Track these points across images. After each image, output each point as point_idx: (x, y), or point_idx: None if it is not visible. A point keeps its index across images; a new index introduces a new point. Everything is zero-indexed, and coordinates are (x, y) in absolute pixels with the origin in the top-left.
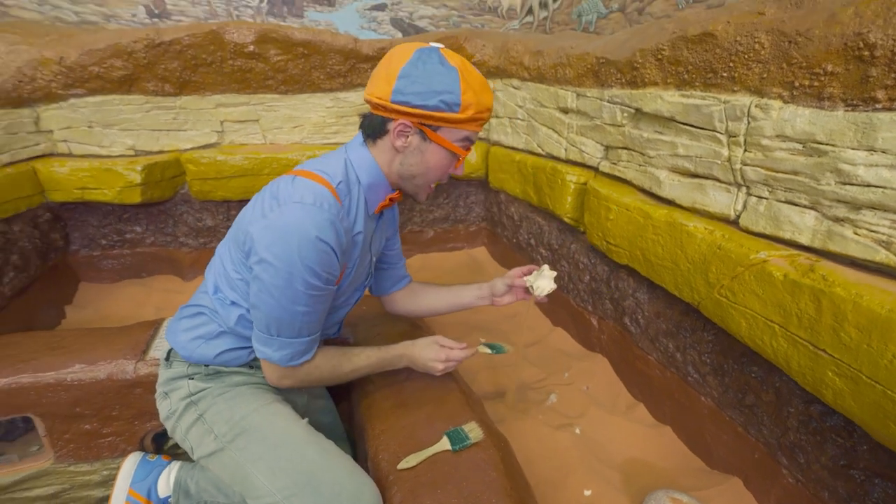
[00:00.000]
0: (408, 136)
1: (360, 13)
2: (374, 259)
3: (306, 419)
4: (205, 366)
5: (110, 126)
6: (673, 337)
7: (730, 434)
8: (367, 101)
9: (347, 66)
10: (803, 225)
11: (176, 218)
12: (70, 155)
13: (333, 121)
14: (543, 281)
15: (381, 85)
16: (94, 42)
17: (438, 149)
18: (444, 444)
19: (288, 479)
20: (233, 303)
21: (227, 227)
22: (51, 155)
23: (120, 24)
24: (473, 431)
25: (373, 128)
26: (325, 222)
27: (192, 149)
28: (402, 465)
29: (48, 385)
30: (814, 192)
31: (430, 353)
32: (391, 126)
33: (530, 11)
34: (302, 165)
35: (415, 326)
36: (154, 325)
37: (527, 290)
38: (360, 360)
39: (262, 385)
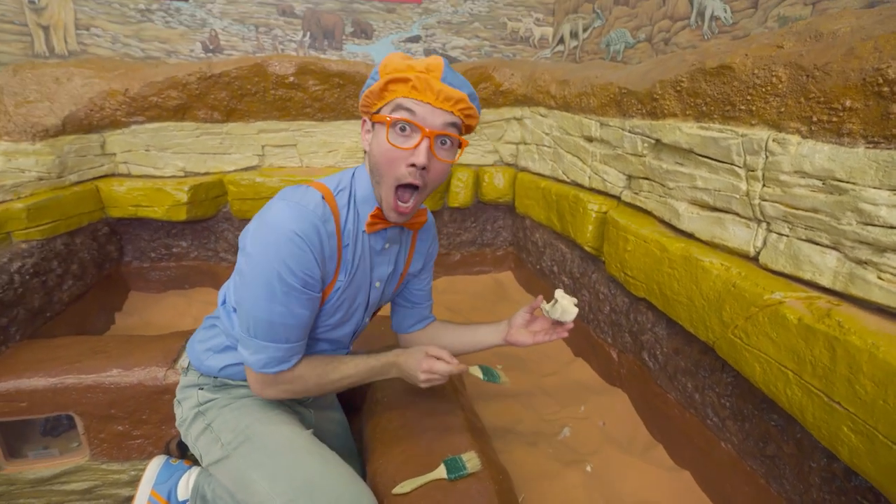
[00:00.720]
0: (367, 133)
1: (395, 45)
2: (383, 289)
3: (311, 430)
4: (213, 377)
5: (165, 149)
6: (692, 376)
7: (751, 486)
8: None
9: None
10: (824, 266)
11: (217, 234)
12: (129, 175)
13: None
14: (565, 302)
15: None
16: (154, 75)
17: (381, 129)
18: (441, 472)
19: (287, 486)
20: (234, 310)
21: None
22: (112, 175)
23: (179, 58)
24: (472, 461)
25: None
26: (305, 220)
27: (234, 171)
28: (397, 489)
29: (88, 386)
30: (835, 232)
31: (414, 362)
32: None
33: (561, 41)
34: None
35: None
36: (186, 336)
37: (553, 322)
38: (349, 368)
39: (265, 400)
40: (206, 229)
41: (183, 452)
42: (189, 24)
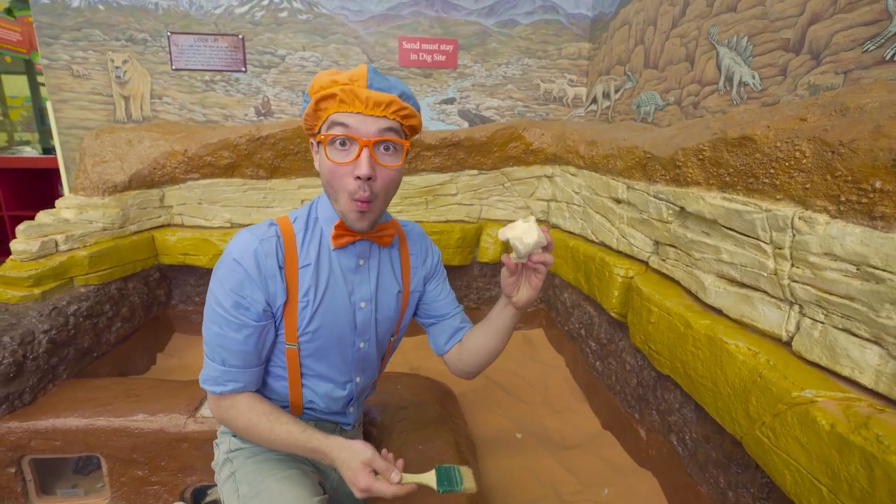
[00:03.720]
0: (316, 152)
1: (430, 107)
2: (375, 310)
3: (326, 496)
4: None
5: (214, 203)
6: (724, 470)
7: None
8: None
9: (413, 153)
10: (864, 362)
11: None
12: (182, 226)
13: (397, 201)
14: (522, 233)
15: None
16: (210, 137)
17: (322, 148)
18: (430, 479)
19: None
20: None
21: None
22: (168, 225)
23: (234, 121)
24: (468, 479)
25: None
26: (247, 247)
27: None
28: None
29: (115, 429)
30: (874, 325)
31: (350, 473)
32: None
33: (594, 101)
34: None
35: (444, 412)
36: None
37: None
38: (280, 431)
39: (289, 456)
40: None
41: (197, 502)
42: (245, 91)
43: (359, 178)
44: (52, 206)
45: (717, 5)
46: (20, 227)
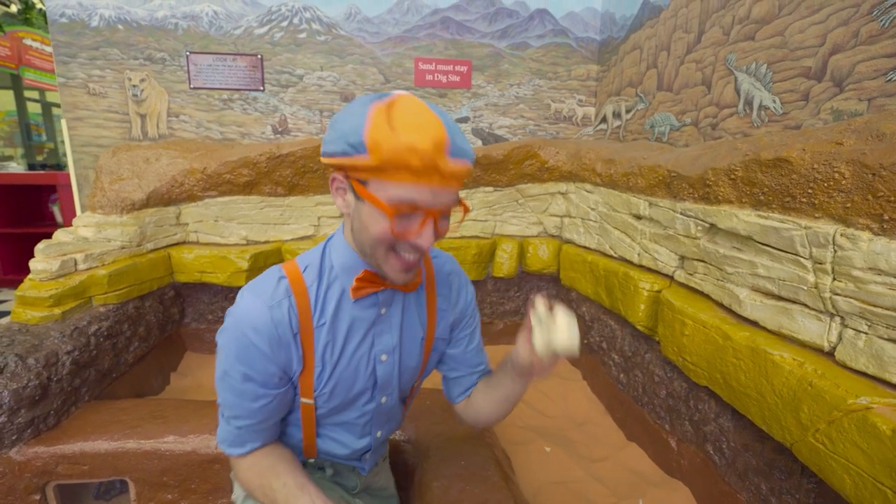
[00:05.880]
0: (345, 194)
1: None
2: (398, 363)
3: None
4: None
5: (231, 220)
6: (766, 477)
7: None
8: None
9: None
10: None
11: None
12: (197, 243)
13: None
14: (557, 333)
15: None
16: (229, 155)
17: (372, 209)
18: None
19: None
20: None
21: None
22: (184, 243)
23: (251, 139)
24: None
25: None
26: (257, 318)
27: (291, 240)
28: None
29: (146, 452)
30: None
31: None
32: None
33: (604, 120)
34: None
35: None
36: None
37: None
38: (279, 482)
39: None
40: None
41: None
42: (263, 110)
43: (415, 245)
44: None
45: (734, 34)
46: (39, 247)
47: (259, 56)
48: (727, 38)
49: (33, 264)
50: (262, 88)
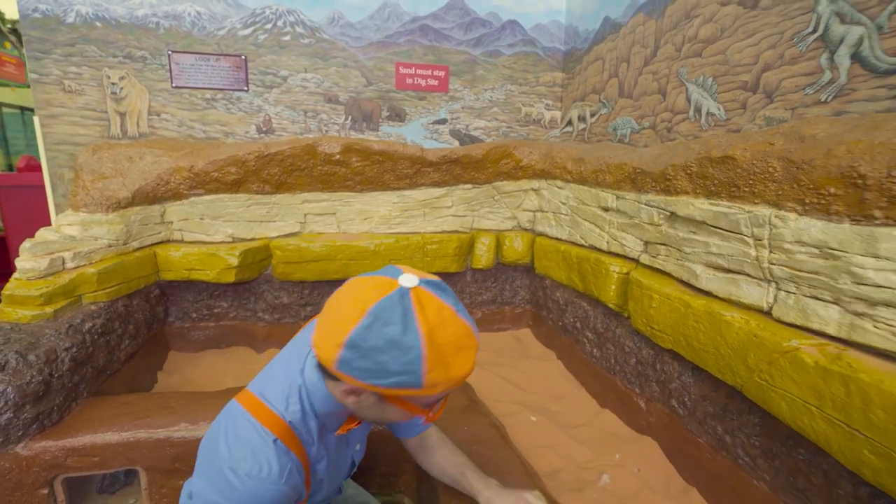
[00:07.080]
0: (360, 396)
1: (424, 127)
2: (360, 448)
3: None
4: None
5: (217, 218)
6: (721, 419)
7: None
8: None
9: (414, 169)
10: (828, 318)
11: (257, 295)
12: (182, 241)
13: (398, 214)
14: None
15: (326, 346)
16: (217, 154)
17: (400, 410)
18: None
19: None
20: None
21: (300, 305)
22: (168, 241)
23: (235, 138)
24: (540, 501)
25: (324, 369)
26: (274, 496)
27: (277, 237)
28: None
29: (158, 441)
30: (834, 290)
31: None
32: (341, 383)
33: (570, 123)
34: (255, 383)
35: (471, 400)
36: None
37: None
38: None
39: None
40: (247, 290)
41: None
42: (247, 109)
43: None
44: None
45: (685, 51)
46: (25, 245)
47: (243, 57)
48: (679, 54)
49: (20, 263)
50: (246, 89)
